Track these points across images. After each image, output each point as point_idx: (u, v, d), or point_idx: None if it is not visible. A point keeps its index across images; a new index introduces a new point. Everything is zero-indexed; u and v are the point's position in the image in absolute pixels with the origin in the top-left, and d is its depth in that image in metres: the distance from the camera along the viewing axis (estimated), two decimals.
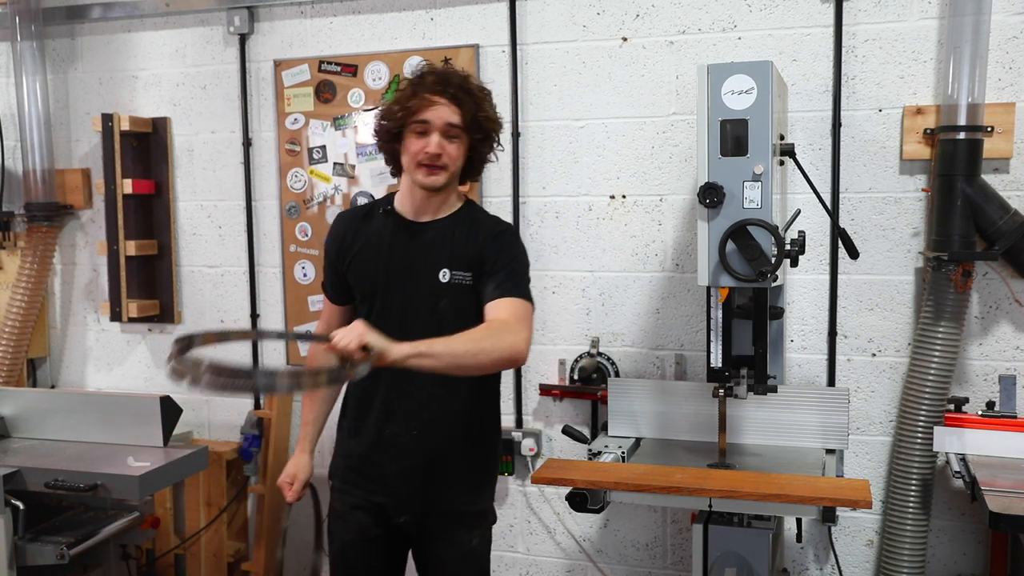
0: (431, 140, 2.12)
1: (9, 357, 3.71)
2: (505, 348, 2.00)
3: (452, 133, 2.14)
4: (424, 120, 2.12)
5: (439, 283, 2.19)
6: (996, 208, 2.72)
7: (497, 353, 2.00)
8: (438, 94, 2.12)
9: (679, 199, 3.07)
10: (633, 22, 3.07)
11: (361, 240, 2.28)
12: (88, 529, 2.82)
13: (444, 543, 2.28)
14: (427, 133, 2.13)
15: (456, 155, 2.17)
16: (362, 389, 2.28)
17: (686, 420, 2.89)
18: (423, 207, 2.24)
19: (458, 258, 2.20)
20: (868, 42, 2.86)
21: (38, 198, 3.69)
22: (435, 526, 2.28)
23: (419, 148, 2.13)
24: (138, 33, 3.66)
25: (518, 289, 2.16)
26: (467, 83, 2.17)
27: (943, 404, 2.78)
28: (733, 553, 2.44)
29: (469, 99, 2.15)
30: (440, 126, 2.13)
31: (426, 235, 2.23)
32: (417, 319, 2.19)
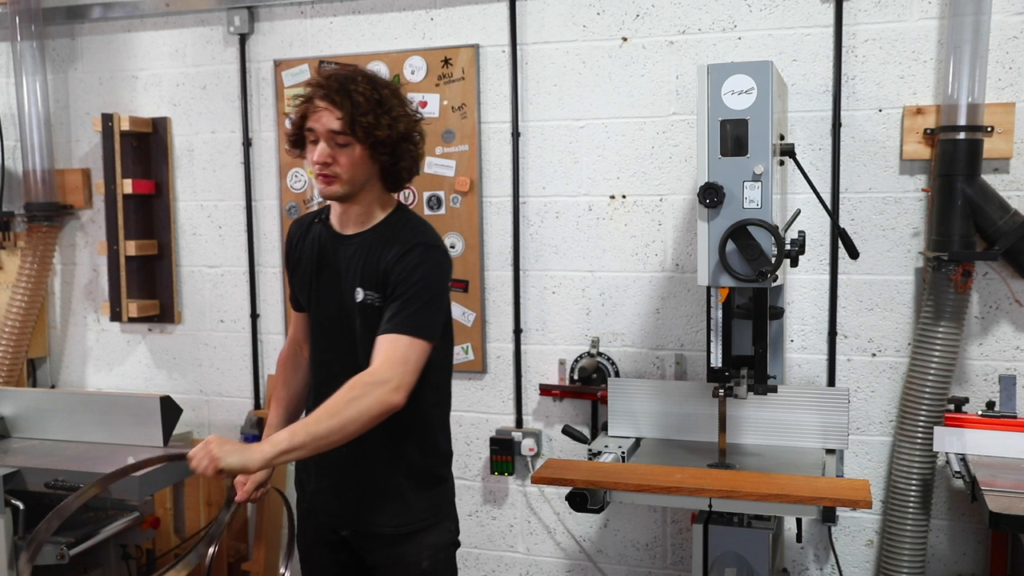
0: (318, 149, 2.00)
1: (9, 357, 3.71)
2: (373, 407, 1.89)
3: (339, 140, 1.99)
4: (309, 128, 2.01)
5: (354, 302, 2.08)
6: (996, 208, 2.72)
7: (365, 417, 1.89)
8: (320, 98, 1.99)
9: (679, 199, 3.07)
10: (633, 22, 3.07)
11: (301, 249, 2.21)
12: (88, 529, 2.82)
13: (393, 564, 2.17)
14: (317, 141, 2.01)
15: (350, 163, 2.00)
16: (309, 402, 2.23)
17: (686, 420, 2.89)
18: (344, 219, 2.13)
19: (370, 277, 2.06)
20: (868, 42, 2.86)
21: (38, 198, 3.69)
22: (378, 546, 2.17)
23: (311, 158, 2.02)
24: (138, 33, 3.66)
25: (409, 323, 1.97)
26: (350, 84, 1.99)
27: (943, 404, 2.78)
28: (733, 553, 2.44)
29: (347, 102, 1.97)
30: (323, 133, 1.99)
31: (347, 250, 2.11)
32: (337, 337, 2.12)
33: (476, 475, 3.38)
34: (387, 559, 2.16)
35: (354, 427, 1.89)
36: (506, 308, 3.28)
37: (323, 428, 1.87)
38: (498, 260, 3.27)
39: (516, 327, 3.26)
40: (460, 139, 3.25)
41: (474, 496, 3.40)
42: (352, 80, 2.01)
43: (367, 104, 1.98)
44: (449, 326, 2.18)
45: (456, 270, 3.29)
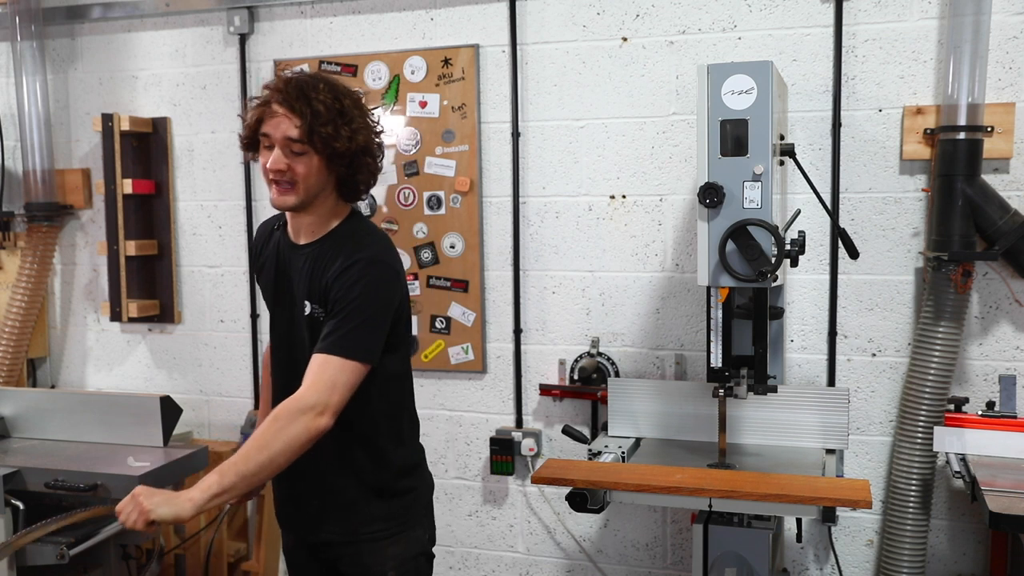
0: (273, 155, 1.94)
1: (9, 357, 3.71)
2: (300, 435, 1.85)
3: (295, 149, 1.93)
4: (265, 133, 1.95)
5: (303, 315, 2.03)
6: (996, 208, 2.72)
7: (294, 447, 1.86)
8: (278, 103, 1.92)
9: (679, 199, 3.07)
10: (633, 22, 3.07)
11: (264, 255, 2.18)
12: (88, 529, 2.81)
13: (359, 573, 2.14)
14: (272, 147, 1.95)
15: (307, 172, 1.94)
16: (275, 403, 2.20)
17: (686, 420, 2.89)
18: (296, 228, 2.08)
19: (315, 290, 2.01)
20: (868, 42, 2.86)
21: (38, 198, 3.69)
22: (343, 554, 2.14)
23: (263, 163, 1.96)
24: (138, 33, 3.66)
25: (342, 343, 1.91)
26: (311, 91, 1.93)
27: (943, 404, 2.78)
28: (733, 553, 2.44)
29: (307, 109, 1.90)
30: (279, 139, 1.93)
31: (298, 260, 2.06)
32: (291, 347, 2.09)
33: (476, 475, 3.38)
34: (353, 567, 2.13)
35: (284, 458, 1.87)
36: (506, 308, 3.28)
37: (252, 465, 1.84)
38: (498, 260, 3.27)
39: (516, 327, 3.26)
40: (460, 139, 3.25)
41: (474, 496, 3.40)
42: (313, 87, 1.94)
43: (327, 113, 1.92)
44: (404, 338, 2.12)
45: (456, 270, 3.30)
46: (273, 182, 1.97)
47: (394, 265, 2.04)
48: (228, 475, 1.84)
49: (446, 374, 3.37)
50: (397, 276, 2.04)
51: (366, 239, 2.05)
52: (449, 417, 3.39)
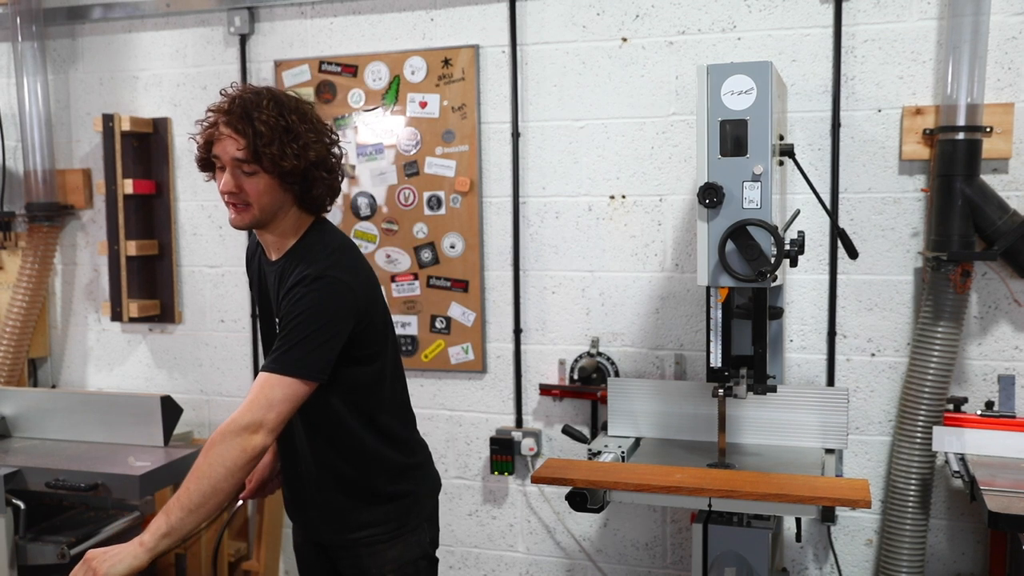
0: (223, 176, 1.93)
1: (10, 357, 3.71)
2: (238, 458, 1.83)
3: (245, 169, 1.91)
4: (215, 155, 1.93)
5: (275, 330, 2.01)
6: (995, 208, 2.72)
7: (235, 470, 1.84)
8: (224, 124, 1.90)
9: (679, 199, 3.07)
10: (633, 22, 3.07)
11: (252, 266, 2.19)
12: (89, 529, 2.82)
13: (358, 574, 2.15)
14: (224, 169, 1.93)
15: (261, 191, 1.92)
16: None
17: (686, 420, 2.89)
18: (266, 245, 2.07)
19: (279, 307, 1.99)
20: (867, 42, 2.87)
21: (39, 198, 3.70)
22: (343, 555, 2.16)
23: (218, 185, 1.95)
24: (139, 33, 3.67)
25: (283, 360, 1.88)
26: (253, 110, 1.89)
27: (942, 404, 2.78)
28: (733, 553, 2.44)
29: (250, 130, 1.87)
30: (228, 160, 1.91)
31: (270, 277, 2.05)
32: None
33: (476, 475, 3.39)
34: (352, 569, 2.15)
35: (228, 483, 1.84)
36: (506, 308, 3.28)
37: (196, 497, 1.81)
38: (498, 260, 3.28)
39: (516, 327, 3.27)
40: (460, 139, 3.25)
41: (474, 496, 3.40)
42: (256, 106, 1.90)
43: (271, 133, 1.88)
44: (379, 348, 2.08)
45: (456, 270, 3.30)
46: (229, 203, 1.96)
47: (344, 278, 1.95)
48: (174, 512, 1.81)
49: (446, 374, 3.37)
50: (349, 290, 1.95)
51: (319, 254, 1.99)
52: (449, 417, 3.39)
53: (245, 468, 1.86)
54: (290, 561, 3.62)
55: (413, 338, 3.37)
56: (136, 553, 1.78)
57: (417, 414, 2.28)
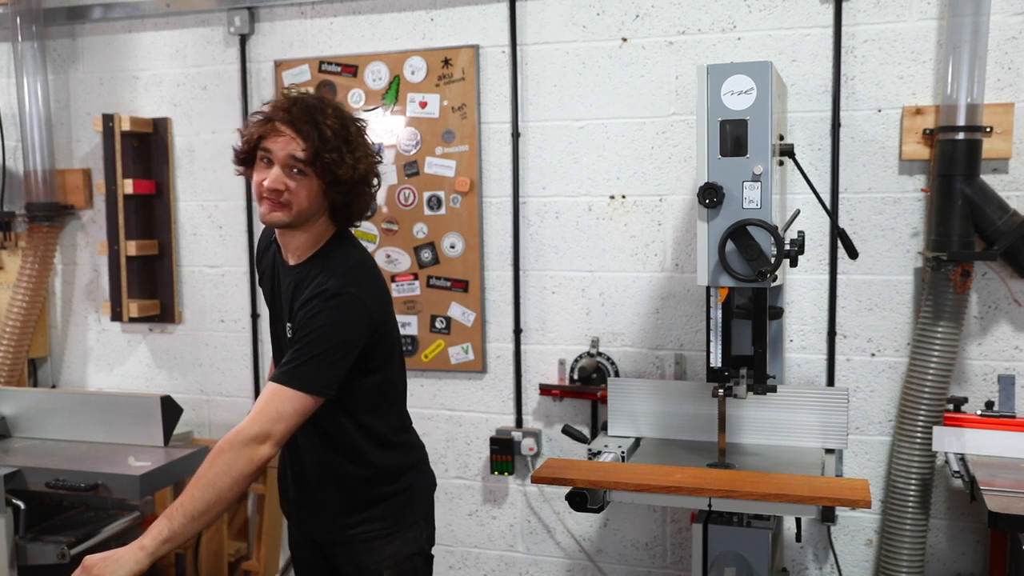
0: (271, 173, 1.93)
1: (10, 357, 3.71)
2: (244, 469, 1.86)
3: (297, 168, 1.92)
4: (267, 149, 1.93)
5: (286, 336, 2.04)
6: (995, 208, 2.72)
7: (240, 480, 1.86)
8: (284, 123, 1.92)
9: (679, 199, 3.07)
10: (633, 23, 3.07)
11: (263, 264, 2.19)
12: (89, 529, 2.82)
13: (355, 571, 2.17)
14: (270, 164, 1.94)
15: (303, 194, 1.94)
16: None
17: (686, 420, 2.89)
18: (286, 247, 2.06)
19: (293, 313, 2.01)
20: (867, 42, 2.87)
21: (39, 198, 3.70)
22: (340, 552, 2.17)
23: (259, 180, 1.94)
24: (139, 33, 3.67)
25: (295, 375, 1.91)
26: (319, 116, 1.93)
27: (942, 404, 2.78)
28: (733, 553, 2.44)
29: (315, 133, 1.90)
30: (282, 158, 1.92)
31: (285, 280, 2.06)
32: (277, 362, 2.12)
33: (476, 475, 3.39)
34: (349, 565, 2.16)
35: (232, 492, 1.87)
36: (506, 308, 3.28)
37: (200, 504, 1.83)
38: (498, 260, 3.28)
39: (516, 327, 3.27)
40: (460, 139, 3.25)
41: (474, 496, 3.40)
42: (321, 111, 1.94)
43: (334, 139, 1.92)
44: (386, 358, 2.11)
45: (456, 270, 3.30)
46: (265, 198, 1.95)
47: (361, 296, 1.97)
48: (176, 518, 1.83)
49: (446, 374, 3.37)
50: (365, 308, 1.97)
51: (340, 267, 2.00)
52: (449, 417, 3.39)
53: (250, 478, 1.88)
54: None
55: (413, 338, 3.37)
56: (137, 558, 1.79)
57: (417, 414, 2.29)
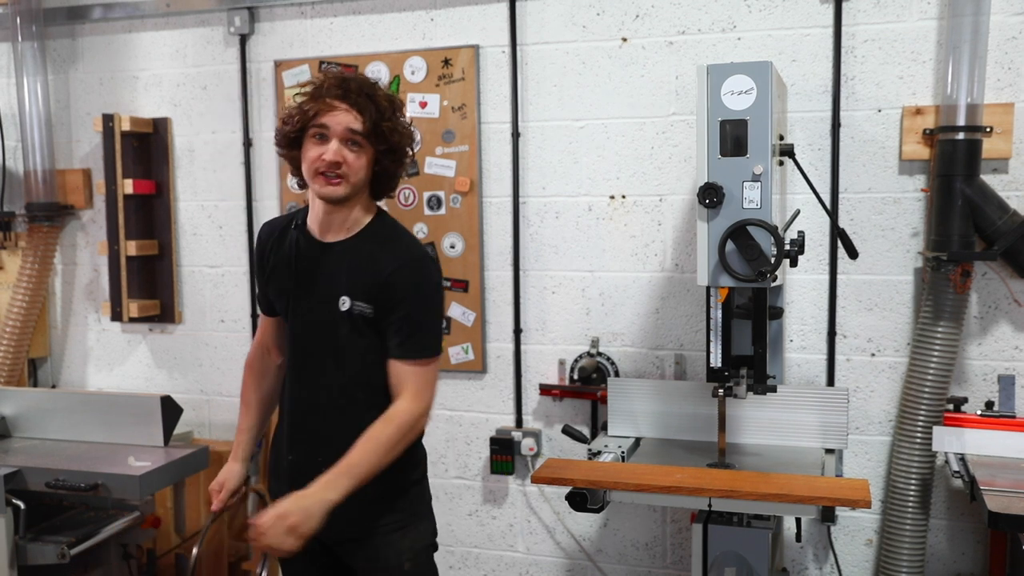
0: (329, 147, 1.98)
1: (10, 357, 3.71)
2: (411, 438, 2.04)
3: (354, 140, 1.99)
4: (323, 124, 1.98)
5: (339, 311, 2.05)
6: (995, 208, 2.72)
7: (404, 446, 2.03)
8: (338, 99, 1.98)
9: (679, 199, 3.07)
10: (633, 23, 3.07)
11: (276, 255, 2.17)
12: (89, 529, 2.82)
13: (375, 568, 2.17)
14: (327, 140, 1.98)
15: (358, 166, 2.00)
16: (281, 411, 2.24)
17: (686, 420, 2.89)
18: (327, 224, 2.09)
19: (359, 287, 2.05)
20: (867, 42, 2.87)
21: (39, 198, 3.70)
22: (358, 549, 2.17)
23: (317, 155, 1.98)
24: (139, 33, 3.67)
25: (422, 347, 2.04)
26: (371, 90, 2.02)
27: (942, 404, 2.78)
28: (733, 553, 2.45)
29: (371, 106, 1.99)
30: (340, 132, 1.98)
31: (329, 257, 2.09)
32: (318, 345, 2.11)
33: (476, 475, 3.39)
34: (368, 562, 2.16)
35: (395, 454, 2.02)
36: (506, 308, 3.28)
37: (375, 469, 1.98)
38: (498, 260, 3.28)
39: (516, 327, 3.27)
40: (460, 139, 3.25)
41: (474, 496, 3.40)
42: (371, 86, 2.03)
43: (389, 109, 2.02)
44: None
45: (456, 270, 3.30)
46: (321, 174, 1.99)
47: (433, 257, 2.20)
48: (356, 476, 1.96)
49: (446, 374, 3.37)
50: (438, 268, 2.18)
51: (407, 237, 2.14)
52: (449, 417, 3.39)
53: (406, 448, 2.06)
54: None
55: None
56: (325, 510, 1.90)
57: None
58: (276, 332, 2.28)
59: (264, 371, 2.33)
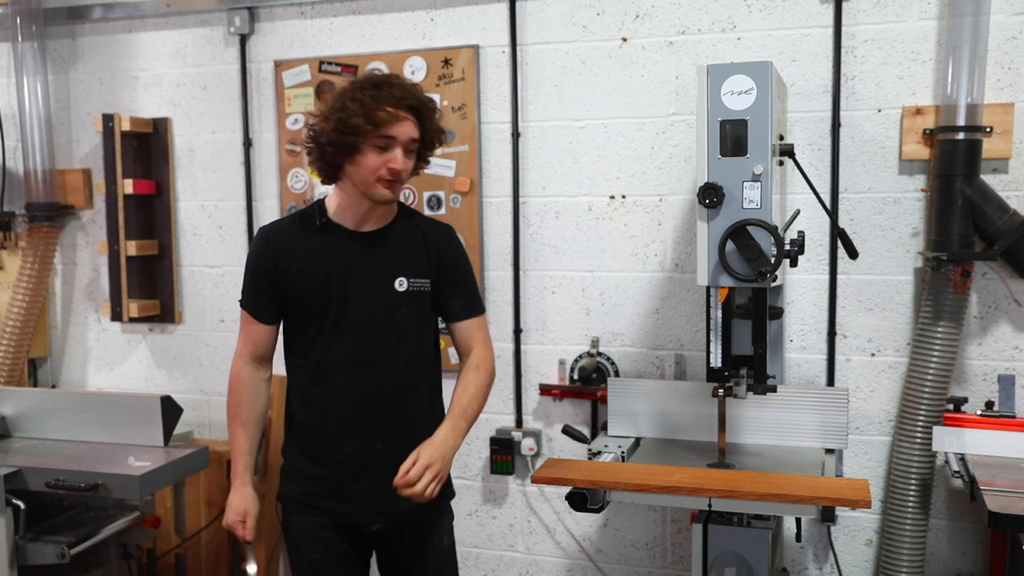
0: (396, 156, 2.08)
1: (10, 357, 3.71)
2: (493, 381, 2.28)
3: (411, 147, 2.12)
4: (390, 136, 2.07)
5: (396, 293, 2.17)
6: (995, 208, 2.72)
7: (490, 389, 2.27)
8: (404, 109, 2.08)
9: (679, 199, 3.07)
10: (633, 22, 3.07)
11: (302, 255, 2.18)
12: (89, 529, 2.82)
13: (419, 547, 2.26)
14: (389, 148, 2.08)
15: (409, 168, 2.15)
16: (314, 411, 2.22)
17: (686, 420, 2.89)
18: (367, 217, 2.19)
19: (414, 266, 2.19)
20: (867, 42, 2.86)
21: (39, 198, 3.70)
22: (407, 531, 2.25)
23: (380, 163, 2.07)
24: (139, 33, 3.67)
25: (478, 303, 2.31)
26: (427, 98, 2.14)
27: (942, 404, 2.78)
28: (733, 553, 2.45)
29: (429, 114, 2.13)
30: (404, 141, 2.09)
31: (376, 245, 2.19)
32: (375, 331, 2.17)
33: (476, 475, 3.39)
34: (416, 542, 2.28)
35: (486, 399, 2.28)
36: (506, 308, 3.28)
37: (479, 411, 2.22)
38: (498, 260, 3.27)
39: (516, 327, 3.27)
40: (460, 139, 3.25)
41: (474, 496, 3.40)
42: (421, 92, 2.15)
43: (435, 116, 2.17)
44: None
45: None
46: (387, 180, 2.10)
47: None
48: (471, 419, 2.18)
49: (447, 373, 3.33)
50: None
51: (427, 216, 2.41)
52: None
53: None
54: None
55: None
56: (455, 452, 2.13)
57: None
58: (271, 342, 2.27)
59: (257, 388, 2.30)
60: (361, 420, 2.19)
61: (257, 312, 2.24)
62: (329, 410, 2.20)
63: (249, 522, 2.25)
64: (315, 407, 2.22)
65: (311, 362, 2.21)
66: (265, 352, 2.28)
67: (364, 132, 2.04)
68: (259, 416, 2.32)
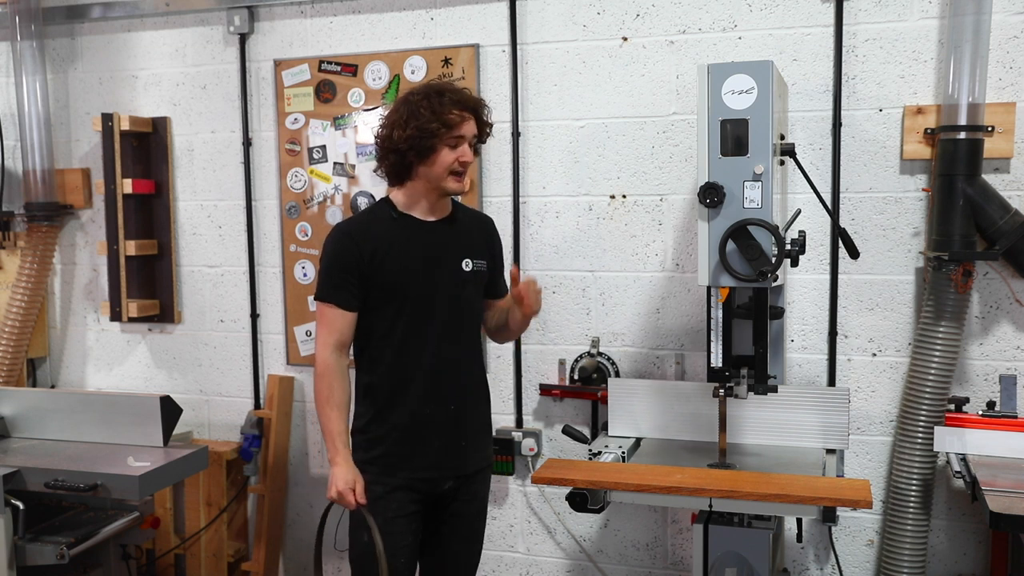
0: (464, 151, 2.37)
1: (9, 357, 3.71)
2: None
3: (473, 143, 2.43)
4: (460, 135, 2.36)
5: (463, 272, 2.47)
6: (997, 208, 2.72)
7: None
8: (467, 110, 2.38)
9: (679, 199, 3.07)
10: (633, 22, 3.07)
11: (384, 244, 2.41)
12: (88, 529, 2.82)
13: (469, 500, 2.53)
14: (458, 145, 2.36)
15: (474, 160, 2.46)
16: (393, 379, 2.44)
17: (686, 420, 2.89)
18: (435, 208, 2.48)
19: (476, 248, 2.52)
20: (868, 42, 2.86)
21: (38, 198, 3.69)
22: (468, 485, 2.52)
23: (453, 158, 2.36)
24: (138, 33, 3.66)
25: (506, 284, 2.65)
26: (481, 99, 2.47)
27: (943, 404, 2.77)
28: (733, 553, 2.44)
29: (484, 112, 2.44)
30: (470, 138, 2.40)
31: (444, 232, 2.49)
32: (444, 306, 2.44)
33: None
34: (470, 496, 2.52)
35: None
36: None
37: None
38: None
39: None
40: None
41: None
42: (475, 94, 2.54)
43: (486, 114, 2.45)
44: None
45: None
46: (458, 173, 2.39)
47: None
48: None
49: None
50: None
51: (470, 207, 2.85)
52: None
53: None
54: (290, 561, 3.62)
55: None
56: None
57: None
58: (353, 328, 2.44)
59: (344, 373, 2.45)
60: (437, 386, 2.44)
61: (347, 302, 2.42)
62: (412, 377, 2.43)
63: (358, 488, 2.40)
64: (398, 377, 2.44)
65: (396, 337, 2.42)
66: (348, 339, 2.45)
67: (440, 134, 2.33)
68: (348, 399, 2.48)
